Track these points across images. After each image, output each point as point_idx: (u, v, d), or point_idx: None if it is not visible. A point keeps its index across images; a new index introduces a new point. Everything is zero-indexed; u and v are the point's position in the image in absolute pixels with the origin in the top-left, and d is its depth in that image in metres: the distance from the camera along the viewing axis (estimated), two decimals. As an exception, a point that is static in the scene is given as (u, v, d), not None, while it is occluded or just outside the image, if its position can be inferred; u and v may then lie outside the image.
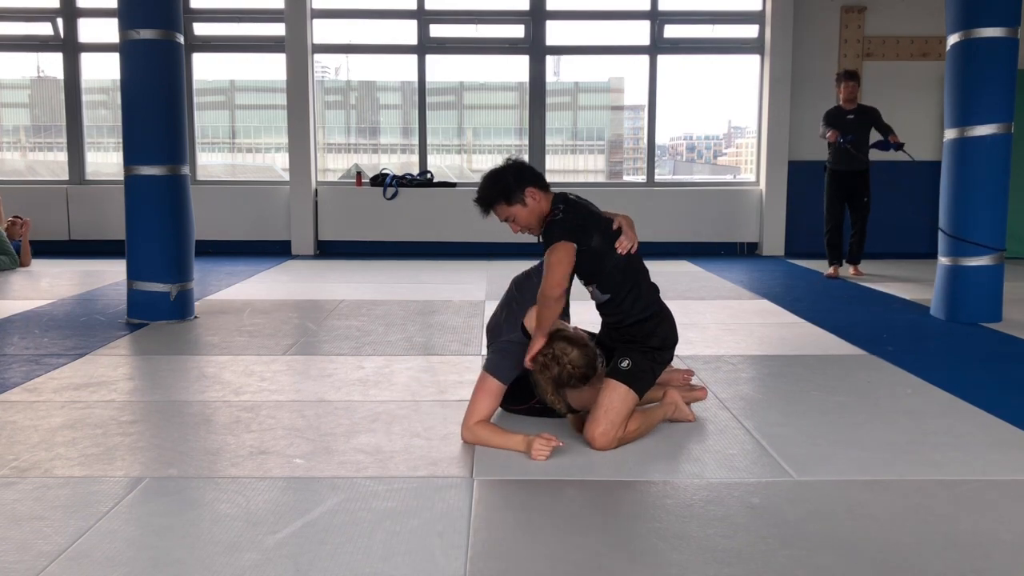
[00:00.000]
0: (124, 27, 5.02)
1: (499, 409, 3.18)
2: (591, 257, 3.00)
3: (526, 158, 9.08)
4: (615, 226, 3.09)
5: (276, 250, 8.91)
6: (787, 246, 8.87)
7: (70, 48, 9.01)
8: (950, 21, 5.25)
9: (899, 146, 6.82)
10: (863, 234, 7.27)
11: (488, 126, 9.65)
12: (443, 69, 9.22)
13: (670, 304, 3.22)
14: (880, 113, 7.12)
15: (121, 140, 5.28)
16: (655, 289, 3.17)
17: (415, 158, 9.27)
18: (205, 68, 9.25)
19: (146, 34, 5.00)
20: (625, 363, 2.99)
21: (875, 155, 7.12)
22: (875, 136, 7.04)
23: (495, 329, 3.23)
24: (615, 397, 2.94)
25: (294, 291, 6.48)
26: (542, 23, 8.91)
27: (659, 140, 9.28)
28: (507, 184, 3.05)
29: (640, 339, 3.05)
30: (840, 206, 7.24)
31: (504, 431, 2.97)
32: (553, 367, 2.86)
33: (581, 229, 2.98)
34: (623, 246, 3.04)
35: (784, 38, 8.62)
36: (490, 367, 3.07)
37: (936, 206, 5.54)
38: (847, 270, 7.37)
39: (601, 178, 9.74)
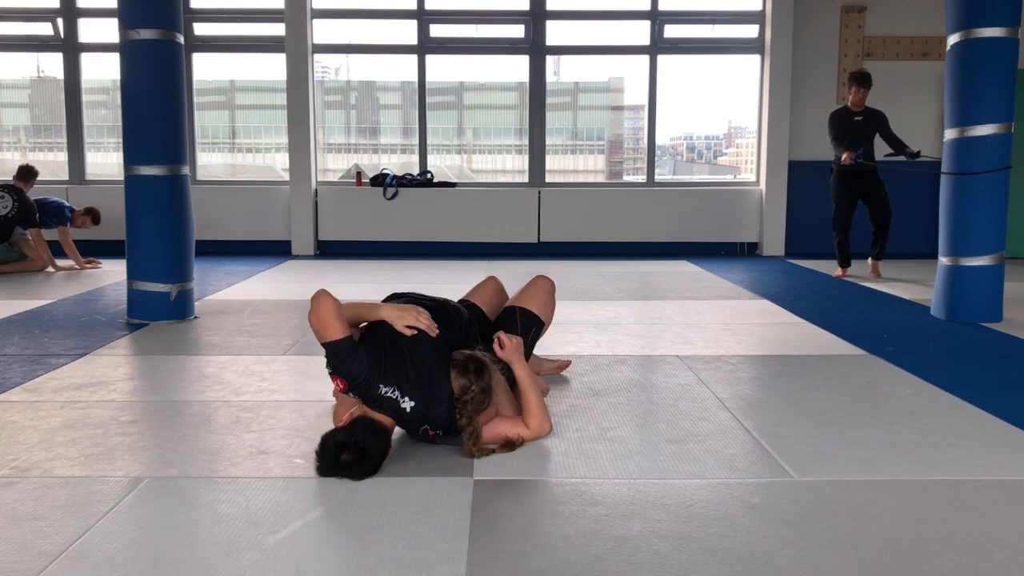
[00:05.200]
0: (124, 27, 5.02)
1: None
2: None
3: (526, 158, 9.12)
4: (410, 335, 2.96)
5: (276, 250, 8.91)
6: (787, 246, 8.87)
7: (70, 48, 9.01)
8: (950, 21, 5.25)
9: (916, 155, 6.74)
10: (886, 230, 7.06)
11: (488, 126, 9.64)
12: (443, 69, 9.21)
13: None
14: (888, 119, 6.97)
15: (121, 140, 5.28)
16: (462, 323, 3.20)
17: (415, 158, 9.27)
18: (205, 68, 9.25)
19: (146, 34, 5.00)
20: (500, 367, 3.07)
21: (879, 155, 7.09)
22: (882, 145, 6.96)
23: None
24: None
25: (294, 291, 6.47)
26: (542, 23, 8.91)
27: (659, 140, 9.28)
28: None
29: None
30: (851, 207, 7.04)
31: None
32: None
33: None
34: (433, 333, 2.95)
35: (784, 38, 8.62)
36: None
37: (936, 206, 5.54)
38: (867, 268, 7.25)
39: (601, 178, 9.73)
